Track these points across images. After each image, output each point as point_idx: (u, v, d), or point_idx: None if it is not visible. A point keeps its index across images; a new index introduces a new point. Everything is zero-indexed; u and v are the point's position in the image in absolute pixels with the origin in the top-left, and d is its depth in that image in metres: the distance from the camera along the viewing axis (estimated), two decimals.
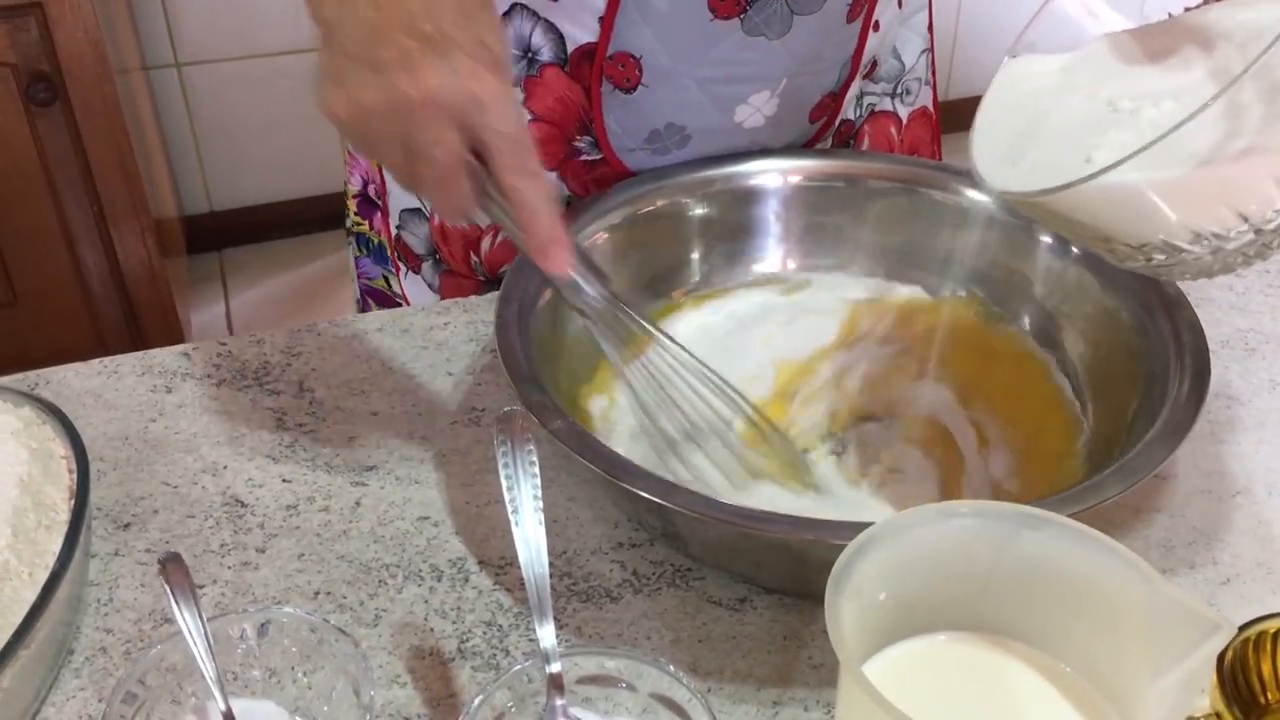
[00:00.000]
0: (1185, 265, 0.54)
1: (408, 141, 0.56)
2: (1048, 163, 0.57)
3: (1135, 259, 0.55)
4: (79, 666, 0.60)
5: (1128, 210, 0.53)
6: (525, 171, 0.58)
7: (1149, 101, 0.56)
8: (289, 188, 2.37)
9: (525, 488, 0.55)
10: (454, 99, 0.55)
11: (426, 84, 0.54)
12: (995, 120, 0.61)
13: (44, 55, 1.63)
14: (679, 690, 0.52)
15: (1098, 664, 0.48)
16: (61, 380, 0.77)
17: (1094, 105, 0.58)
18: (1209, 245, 0.53)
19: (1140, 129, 0.55)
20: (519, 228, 0.59)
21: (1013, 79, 0.62)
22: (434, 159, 0.56)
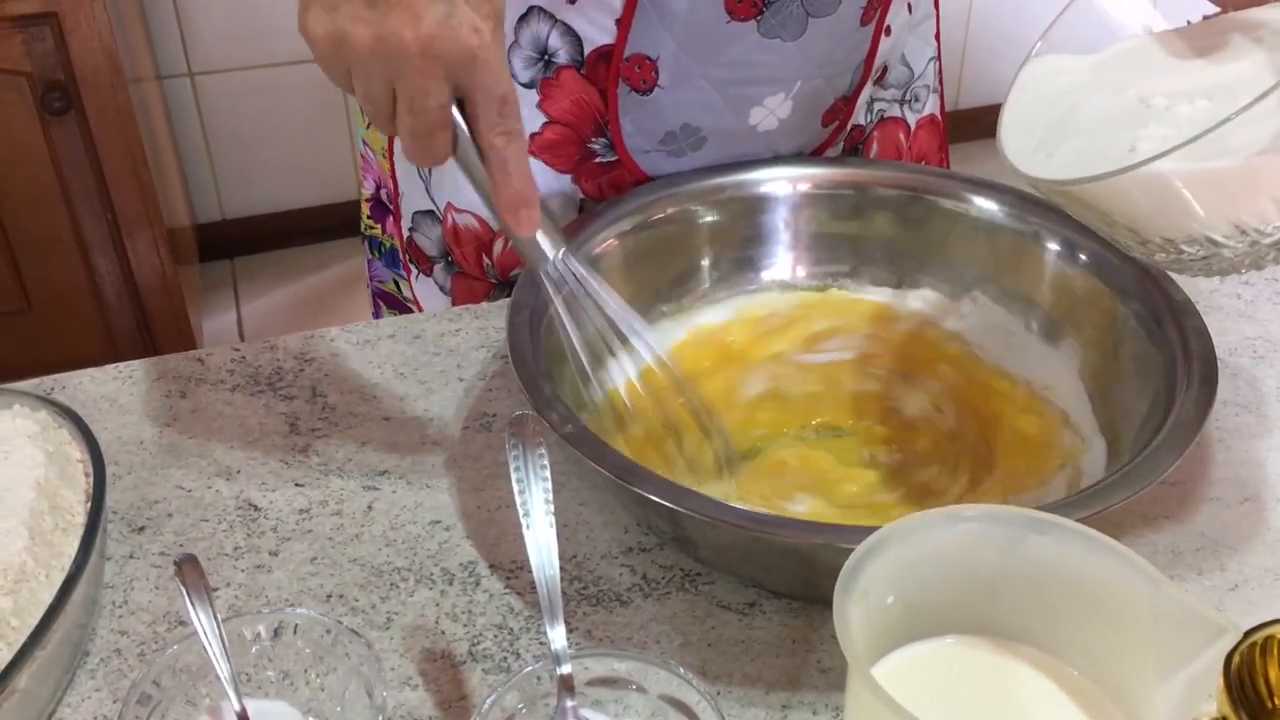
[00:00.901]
0: (1219, 260, 0.54)
1: (394, 85, 0.55)
2: (1085, 153, 0.58)
3: (1166, 251, 0.55)
4: (94, 668, 0.61)
5: (1167, 201, 0.53)
6: (508, 131, 0.57)
7: (1183, 99, 0.57)
8: (301, 196, 2.38)
9: (536, 491, 0.55)
10: (450, 52, 0.53)
11: (425, 31, 0.53)
12: (1023, 114, 0.62)
13: (59, 64, 1.64)
14: (688, 693, 0.53)
15: (1104, 667, 0.48)
16: (77, 385, 0.77)
17: (1125, 101, 0.59)
18: (1247, 239, 0.53)
19: (1177, 124, 0.55)
20: (491, 185, 0.58)
21: (1038, 76, 0.63)
22: (420, 109, 0.55)
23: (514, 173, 0.58)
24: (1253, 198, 0.52)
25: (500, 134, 0.57)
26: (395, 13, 0.53)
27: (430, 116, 0.55)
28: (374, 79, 0.55)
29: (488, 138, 0.57)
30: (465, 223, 0.85)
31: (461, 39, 0.53)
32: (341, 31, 0.54)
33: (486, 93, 0.55)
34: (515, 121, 0.57)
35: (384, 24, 0.53)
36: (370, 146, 0.91)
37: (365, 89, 0.56)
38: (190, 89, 2.23)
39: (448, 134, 0.56)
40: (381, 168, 0.90)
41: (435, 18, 0.53)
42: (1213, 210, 0.53)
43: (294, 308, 2.31)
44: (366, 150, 0.92)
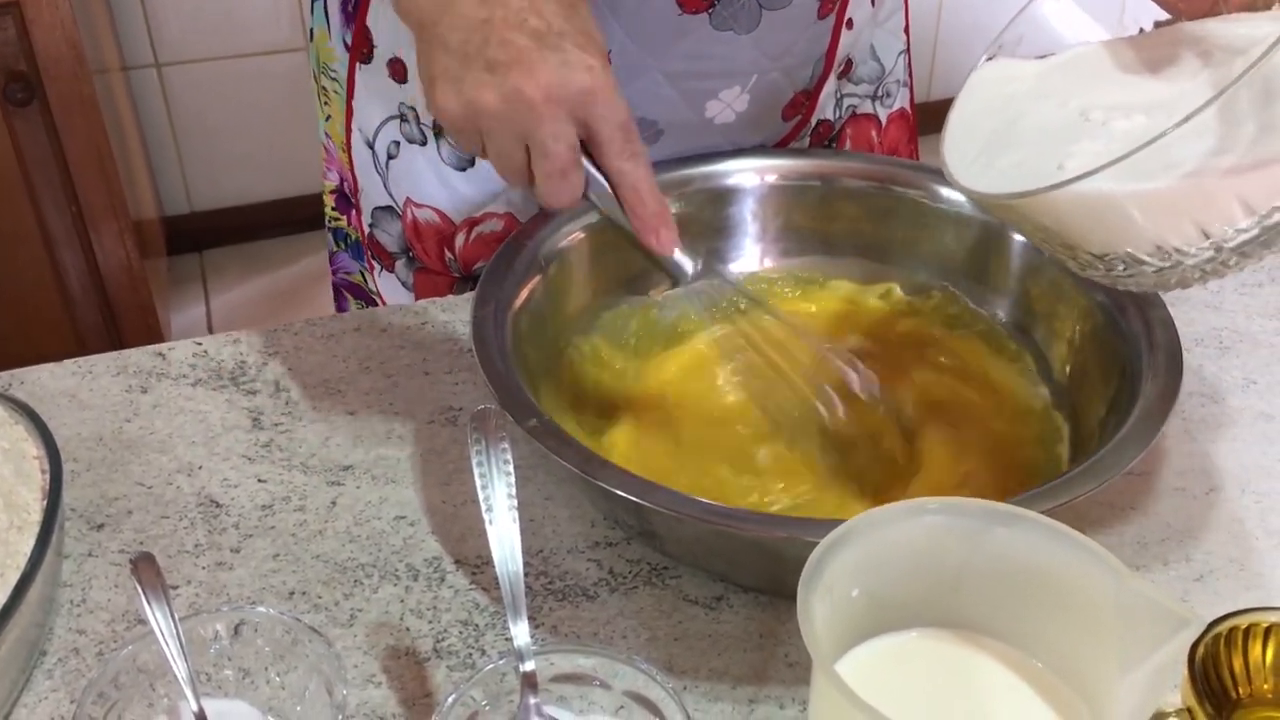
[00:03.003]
0: (1144, 277, 0.55)
1: (525, 138, 0.58)
2: (1020, 166, 0.58)
3: (1096, 267, 0.56)
4: (51, 667, 0.60)
5: (1095, 219, 0.54)
6: (634, 155, 0.60)
7: (1120, 113, 0.57)
8: (269, 188, 2.36)
9: (499, 486, 0.55)
10: (570, 94, 0.57)
11: (544, 81, 0.56)
12: (968, 121, 0.61)
13: (21, 55, 1.62)
14: (654, 689, 0.52)
15: (1068, 659, 0.48)
16: (35, 380, 0.76)
17: (1066, 113, 0.59)
18: (1169, 259, 0.54)
19: (1112, 140, 0.55)
20: (627, 209, 0.61)
21: (986, 81, 0.63)
22: (553, 153, 0.58)
23: (647, 194, 0.61)
24: (1174, 220, 0.53)
25: (628, 159, 0.60)
26: (515, 71, 0.56)
27: (563, 158, 0.58)
28: (505, 136, 0.58)
29: (617, 164, 0.60)
30: (426, 217, 0.85)
31: (578, 80, 0.57)
32: (471, 101, 0.57)
33: (609, 123, 0.59)
34: (639, 145, 0.60)
35: (506, 83, 0.57)
36: (331, 139, 0.90)
37: (498, 147, 0.59)
38: (157, 80, 2.21)
39: (580, 171, 0.59)
40: (342, 161, 0.89)
41: (551, 66, 0.57)
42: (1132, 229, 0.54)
43: (264, 300, 2.30)
44: (328, 143, 0.91)
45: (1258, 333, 0.81)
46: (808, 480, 0.68)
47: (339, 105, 0.87)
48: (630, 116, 0.59)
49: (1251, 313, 0.83)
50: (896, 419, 0.70)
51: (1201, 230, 0.52)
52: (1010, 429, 0.70)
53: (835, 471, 0.68)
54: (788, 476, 0.68)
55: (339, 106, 0.87)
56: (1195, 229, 0.52)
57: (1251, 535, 0.67)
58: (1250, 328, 0.81)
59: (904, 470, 0.68)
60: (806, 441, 0.69)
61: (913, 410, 0.72)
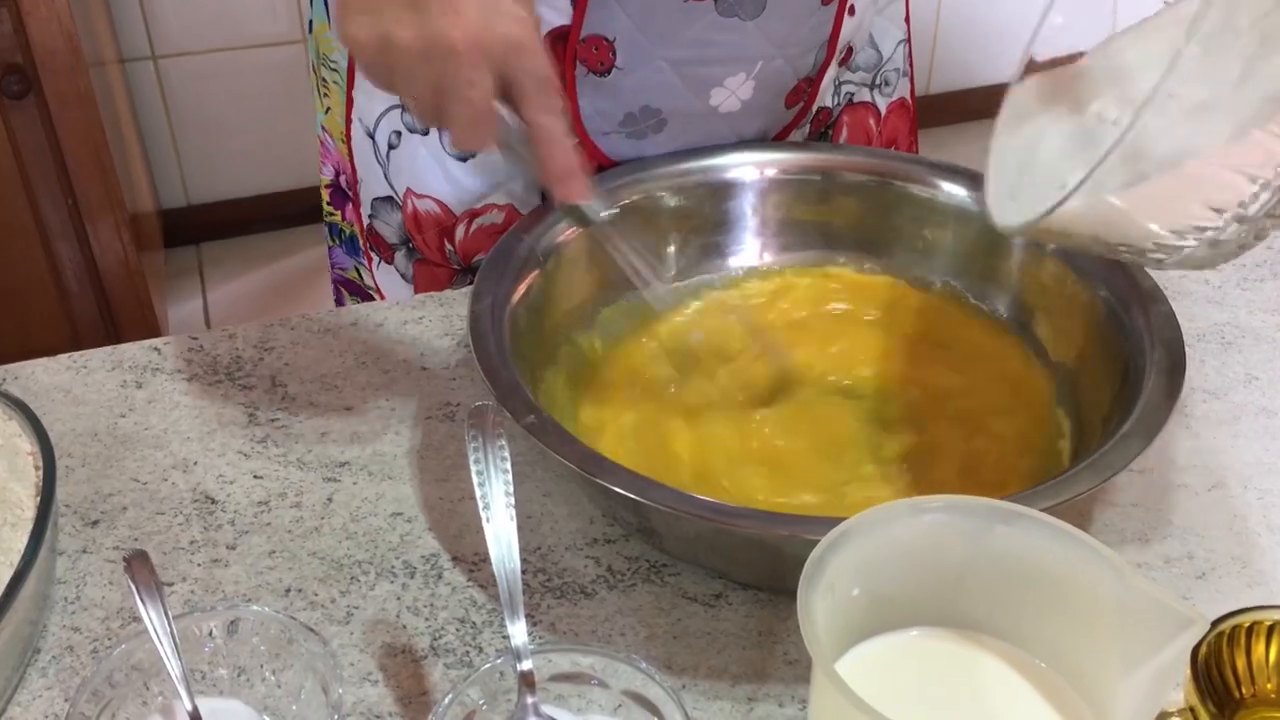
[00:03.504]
0: (1191, 258, 0.54)
1: (441, 81, 0.57)
2: (1034, 190, 0.58)
3: (1142, 259, 0.56)
4: (45, 665, 0.59)
5: (1107, 224, 0.54)
6: (551, 110, 0.60)
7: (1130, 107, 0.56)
8: (267, 182, 2.35)
9: (497, 483, 0.54)
10: (494, 42, 0.56)
11: (468, 25, 0.55)
12: (999, 152, 0.61)
13: (17, 47, 1.61)
14: (652, 688, 0.52)
15: (1071, 658, 0.48)
16: (30, 375, 0.76)
17: (1084, 119, 0.58)
18: (1200, 238, 0.53)
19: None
20: (539, 160, 0.61)
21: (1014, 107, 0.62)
22: (469, 99, 0.57)
23: (559, 145, 0.61)
24: (1176, 207, 0.53)
25: (546, 113, 0.59)
26: (438, 13, 0.55)
27: (480, 105, 0.57)
28: (421, 78, 0.57)
29: (536, 117, 0.59)
30: (426, 208, 0.84)
31: (506, 29, 0.56)
32: (386, 35, 0.56)
33: (532, 76, 0.58)
34: (557, 100, 0.60)
35: (428, 24, 0.55)
36: (329, 132, 0.90)
37: (411, 87, 0.58)
38: (154, 72, 2.20)
39: (493, 120, 0.59)
40: (340, 153, 0.89)
41: (478, 13, 0.55)
42: (1145, 224, 0.53)
43: (262, 294, 2.29)
44: (325, 136, 0.91)
45: (1260, 328, 0.80)
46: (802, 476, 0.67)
47: (339, 96, 0.86)
48: (551, 71, 0.59)
49: (1254, 308, 0.82)
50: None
51: (1211, 208, 0.52)
52: (1011, 425, 0.70)
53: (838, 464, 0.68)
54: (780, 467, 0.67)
55: (339, 97, 0.86)
56: (1203, 208, 0.52)
57: (1254, 532, 0.66)
58: (1252, 323, 0.81)
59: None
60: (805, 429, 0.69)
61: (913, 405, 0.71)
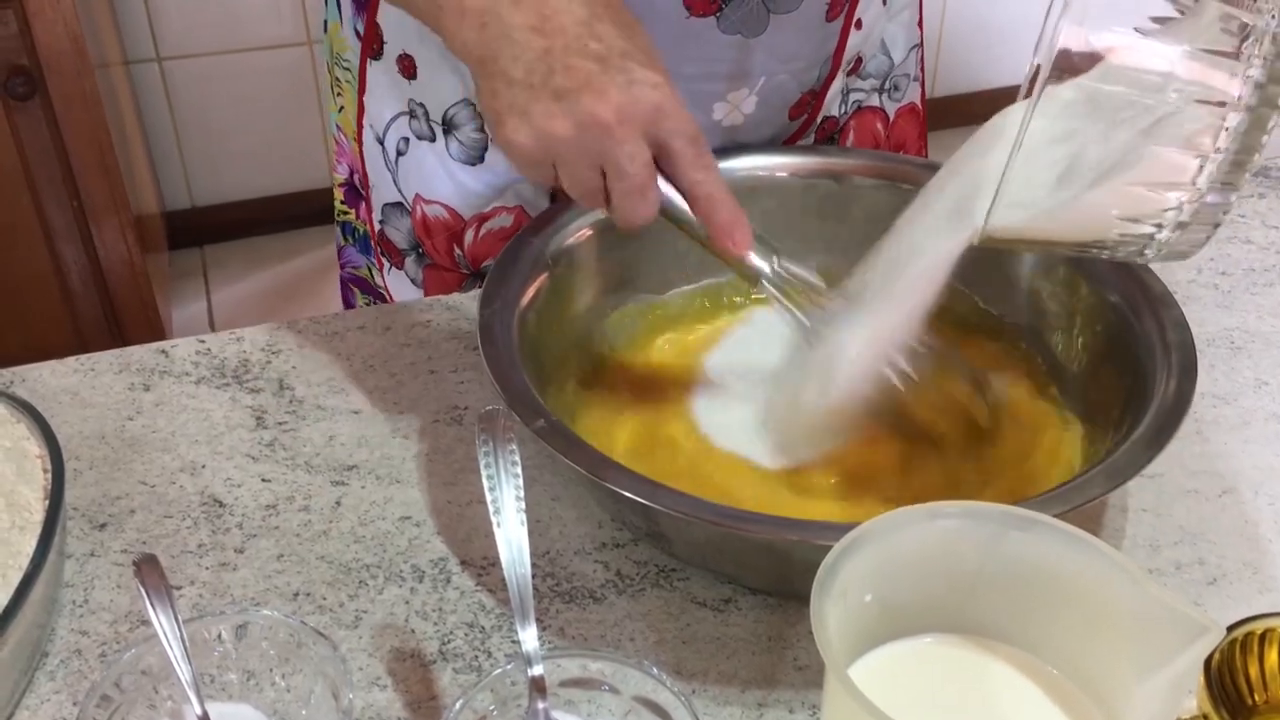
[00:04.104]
0: (1168, 244, 0.55)
1: (600, 162, 0.58)
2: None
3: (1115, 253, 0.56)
4: (54, 669, 0.59)
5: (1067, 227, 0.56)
6: (705, 166, 0.61)
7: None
8: (271, 183, 2.36)
9: (507, 487, 0.54)
10: (641, 112, 0.58)
11: (615, 102, 0.57)
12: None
13: (22, 49, 1.61)
14: (662, 693, 0.52)
15: (1084, 666, 0.47)
16: (37, 378, 0.76)
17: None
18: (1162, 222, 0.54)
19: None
20: (703, 217, 0.62)
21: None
22: (630, 173, 0.58)
23: (721, 201, 0.61)
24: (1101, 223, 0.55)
25: (700, 170, 0.60)
26: (584, 96, 0.57)
27: (640, 177, 0.59)
28: (581, 162, 0.59)
29: (690, 175, 0.60)
30: (435, 213, 0.84)
31: (648, 98, 0.58)
32: (541, 130, 0.58)
33: (681, 137, 0.59)
34: (710, 156, 0.61)
35: (577, 110, 0.57)
36: (344, 131, 0.90)
37: (574, 174, 0.59)
38: (159, 74, 2.20)
39: (657, 187, 0.60)
40: (353, 153, 0.89)
41: (619, 87, 0.57)
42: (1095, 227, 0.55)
43: (265, 296, 2.29)
44: (340, 135, 0.91)
45: (1269, 333, 0.80)
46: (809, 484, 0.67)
47: (351, 96, 0.86)
48: (698, 129, 0.60)
49: (1263, 312, 0.82)
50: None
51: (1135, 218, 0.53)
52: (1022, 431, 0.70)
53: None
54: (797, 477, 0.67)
55: (351, 98, 0.86)
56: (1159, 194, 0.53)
57: (1265, 538, 0.66)
58: (1261, 328, 0.81)
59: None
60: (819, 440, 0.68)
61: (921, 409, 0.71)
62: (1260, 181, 0.96)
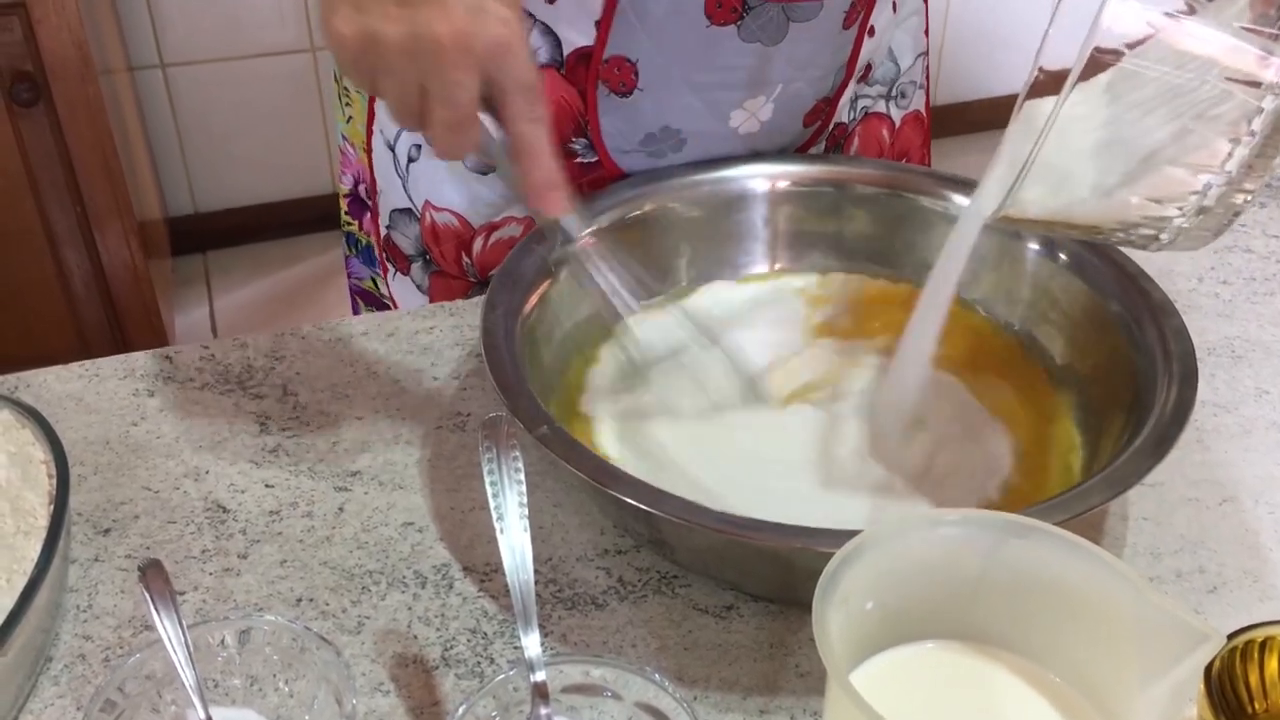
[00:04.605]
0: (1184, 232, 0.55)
1: (425, 79, 0.55)
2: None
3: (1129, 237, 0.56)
4: (58, 674, 0.59)
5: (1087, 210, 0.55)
6: (536, 119, 0.58)
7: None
8: (274, 189, 2.36)
9: (510, 494, 0.55)
10: (482, 44, 0.54)
11: (458, 25, 0.54)
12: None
13: (27, 55, 1.62)
14: (664, 699, 0.52)
15: (1086, 673, 0.48)
16: (41, 383, 0.76)
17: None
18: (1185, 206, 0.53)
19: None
20: (521, 171, 0.59)
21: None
22: (453, 101, 0.56)
23: (541, 157, 0.59)
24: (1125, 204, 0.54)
25: (529, 121, 0.58)
26: (426, 9, 0.54)
27: (464, 109, 0.56)
28: (405, 76, 0.56)
29: (518, 125, 0.58)
30: (444, 220, 0.84)
31: (492, 31, 0.55)
32: (372, 31, 0.55)
33: (517, 81, 0.56)
34: (542, 109, 0.58)
35: (415, 20, 0.54)
36: (350, 142, 0.90)
37: (395, 87, 0.56)
38: (162, 81, 2.20)
39: (478, 125, 0.57)
40: (361, 163, 0.89)
41: (465, 11, 0.54)
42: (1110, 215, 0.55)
43: (268, 302, 2.29)
44: (346, 146, 0.91)
45: (1270, 342, 0.80)
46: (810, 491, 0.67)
47: (361, 105, 0.86)
48: (537, 78, 0.58)
49: (1264, 321, 0.82)
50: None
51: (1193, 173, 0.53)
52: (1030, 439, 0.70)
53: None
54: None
55: (361, 107, 0.86)
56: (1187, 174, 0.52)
57: (1266, 547, 0.66)
58: (1263, 337, 0.81)
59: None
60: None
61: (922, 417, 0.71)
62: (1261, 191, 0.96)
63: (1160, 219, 0.55)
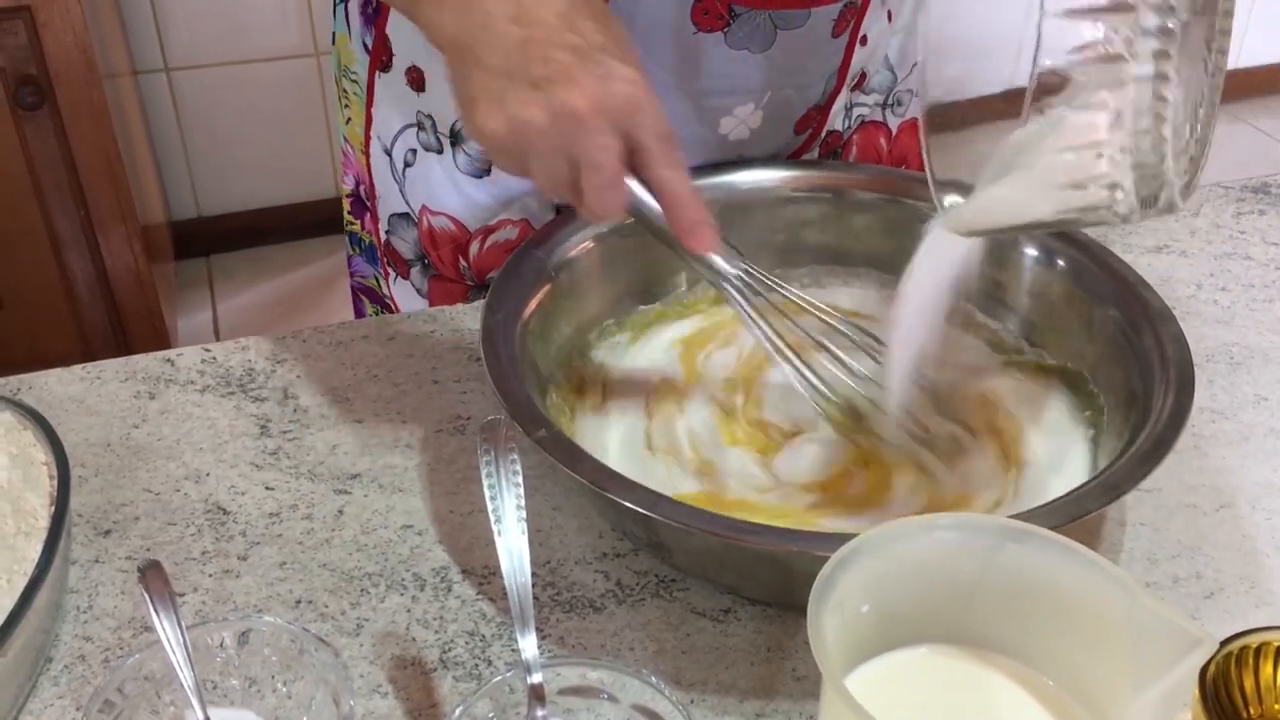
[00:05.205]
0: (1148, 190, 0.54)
1: (572, 153, 0.58)
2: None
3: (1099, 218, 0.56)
4: (58, 674, 0.60)
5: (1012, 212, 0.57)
6: (675, 164, 0.61)
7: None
8: (277, 193, 2.37)
9: (508, 497, 0.55)
10: (616, 105, 0.57)
11: (590, 94, 0.57)
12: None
13: (32, 59, 1.63)
14: (661, 702, 0.52)
15: (1080, 677, 0.48)
16: (44, 385, 0.76)
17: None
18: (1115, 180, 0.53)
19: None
20: (668, 214, 0.62)
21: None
22: (602, 165, 0.58)
23: (688, 200, 0.61)
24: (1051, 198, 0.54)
25: (670, 167, 0.61)
26: (560, 86, 0.57)
27: (612, 169, 0.59)
28: (553, 153, 0.58)
29: (659, 172, 0.61)
30: (441, 225, 0.85)
31: (622, 92, 0.58)
32: (515, 118, 0.57)
33: (652, 133, 0.59)
34: (679, 155, 0.61)
35: (553, 99, 0.57)
36: (350, 143, 0.91)
37: (547, 166, 0.59)
38: (166, 84, 2.21)
39: (624, 183, 0.60)
40: (360, 164, 0.90)
41: (595, 80, 0.57)
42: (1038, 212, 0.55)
43: (271, 306, 2.30)
44: (347, 147, 0.91)
45: (1269, 349, 0.81)
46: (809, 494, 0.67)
47: (359, 108, 0.87)
48: (669, 127, 0.60)
49: (1263, 328, 0.82)
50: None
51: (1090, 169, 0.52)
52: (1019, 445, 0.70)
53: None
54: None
55: (359, 109, 0.87)
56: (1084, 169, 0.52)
57: (1262, 553, 0.66)
58: (1261, 343, 0.81)
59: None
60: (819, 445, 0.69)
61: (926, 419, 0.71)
62: (1260, 199, 0.97)
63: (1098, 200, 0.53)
